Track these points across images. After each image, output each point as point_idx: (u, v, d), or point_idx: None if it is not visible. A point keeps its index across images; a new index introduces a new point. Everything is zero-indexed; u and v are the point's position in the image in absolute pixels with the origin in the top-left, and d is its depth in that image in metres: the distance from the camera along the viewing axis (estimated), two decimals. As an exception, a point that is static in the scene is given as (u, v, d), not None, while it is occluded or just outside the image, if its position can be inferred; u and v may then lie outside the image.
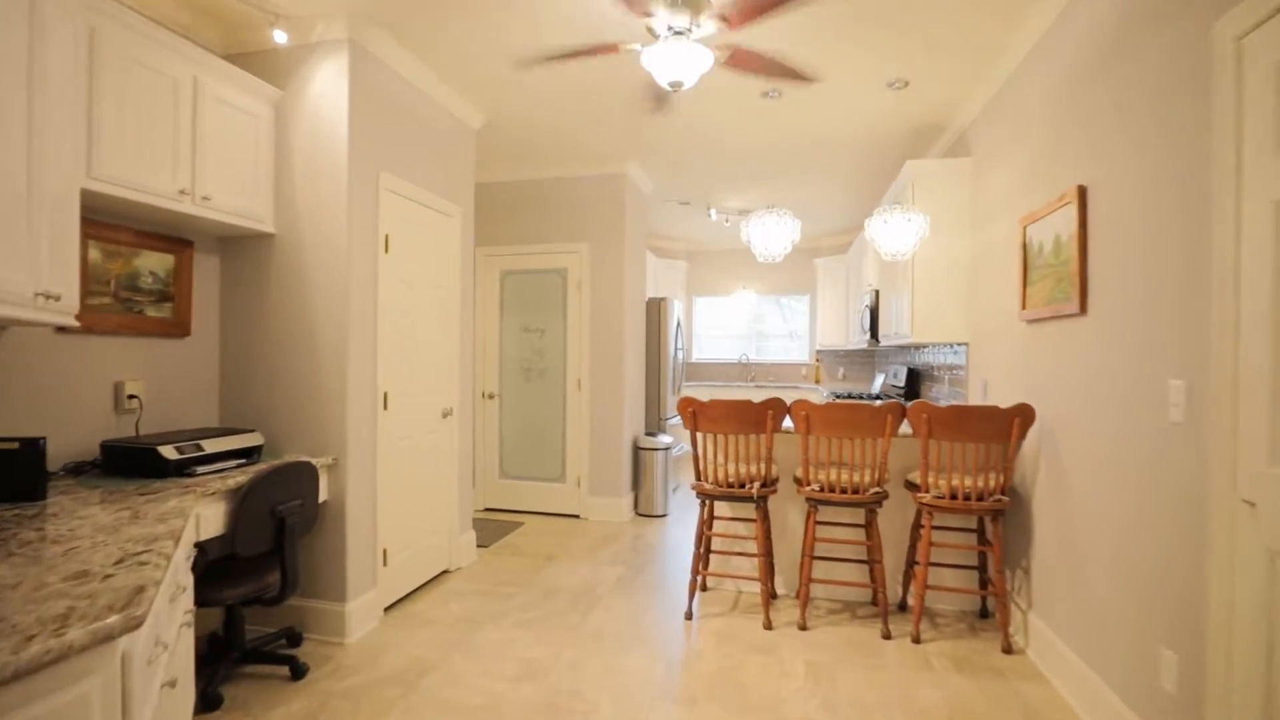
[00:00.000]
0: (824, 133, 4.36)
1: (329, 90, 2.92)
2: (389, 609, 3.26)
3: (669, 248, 8.36)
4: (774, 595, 3.48)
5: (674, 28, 2.31)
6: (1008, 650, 2.85)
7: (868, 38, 3.05)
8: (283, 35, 2.83)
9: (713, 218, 6.77)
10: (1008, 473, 2.87)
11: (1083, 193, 2.42)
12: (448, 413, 3.79)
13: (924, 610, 3.20)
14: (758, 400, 3.08)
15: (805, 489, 3.12)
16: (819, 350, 8.19)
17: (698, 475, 3.28)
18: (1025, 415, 2.79)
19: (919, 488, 3.04)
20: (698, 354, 8.76)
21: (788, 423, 3.45)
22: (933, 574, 3.35)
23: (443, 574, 3.80)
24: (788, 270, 8.36)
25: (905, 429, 3.33)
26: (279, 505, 2.47)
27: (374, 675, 2.63)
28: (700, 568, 3.34)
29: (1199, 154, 1.77)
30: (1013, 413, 2.79)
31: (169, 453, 2.31)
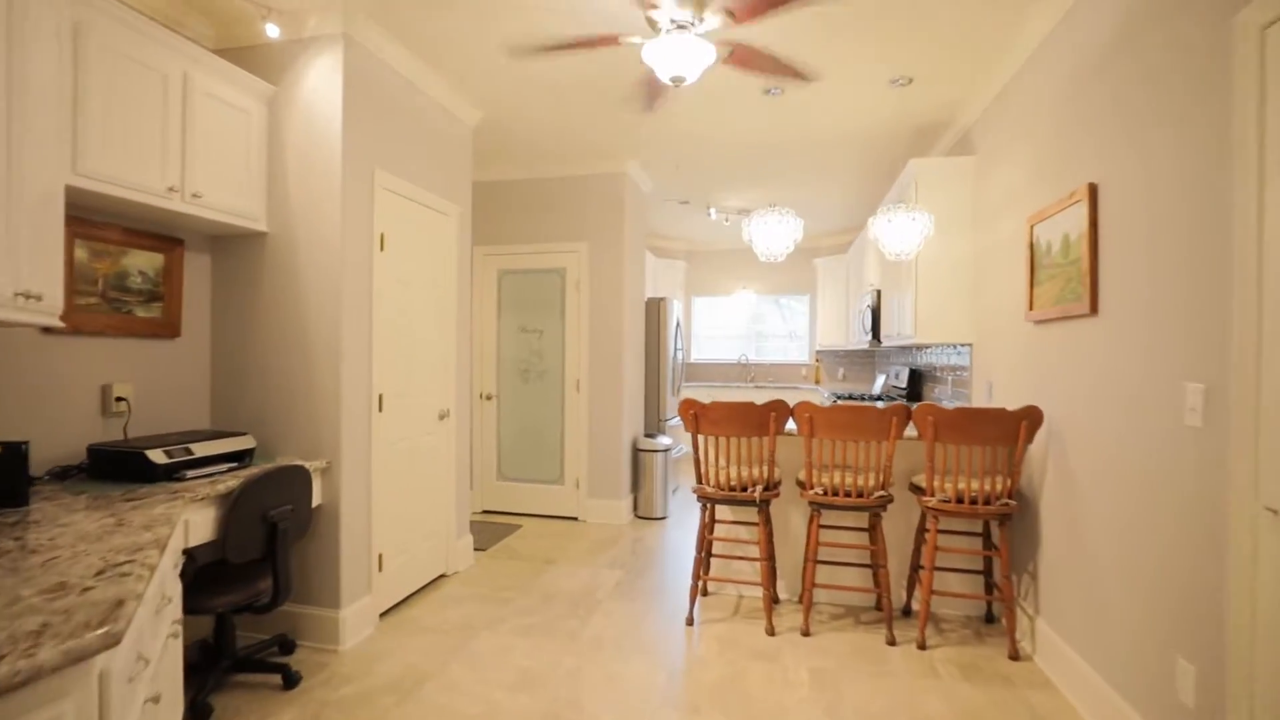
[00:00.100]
0: (826, 131, 4.31)
1: (322, 86, 2.86)
2: (384, 615, 3.20)
3: (668, 247, 8.31)
4: (776, 600, 3.42)
5: (677, 21, 2.26)
6: (1015, 657, 2.80)
7: (872, 34, 2.99)
8: (275, 29, 2.77)
9: (712, 217, 6.72)
10: (1015, 476, 2.82)
11: (1093, 190, 2.36)
12: (444, 414, 3.73)
13: (929, 615, 3.15)
14: (759, 401, 3.03)
15: (808, 492, 3.07)
16: (819, 350, 8.14)
17: (699, 478, 3.22)
18: (1033, 418, 2.74)
19: (924, 491, 2.99)
20: (697, 354, 8.71)
21: (790, 425, 3.40)
22: (938, 578, 3.30)
23: (440, 578, 3.74)
24: (787, 270, 8.31)
25: (910, 431, 3.27)
26: (271, 510, 2.41)
27: (369, 684, 2.57)
28: (701, 572, 3.28)
29: (1218, 148, 1.72)
30: (1020, 415, 2.74)
31: (157, 456, 2.25)
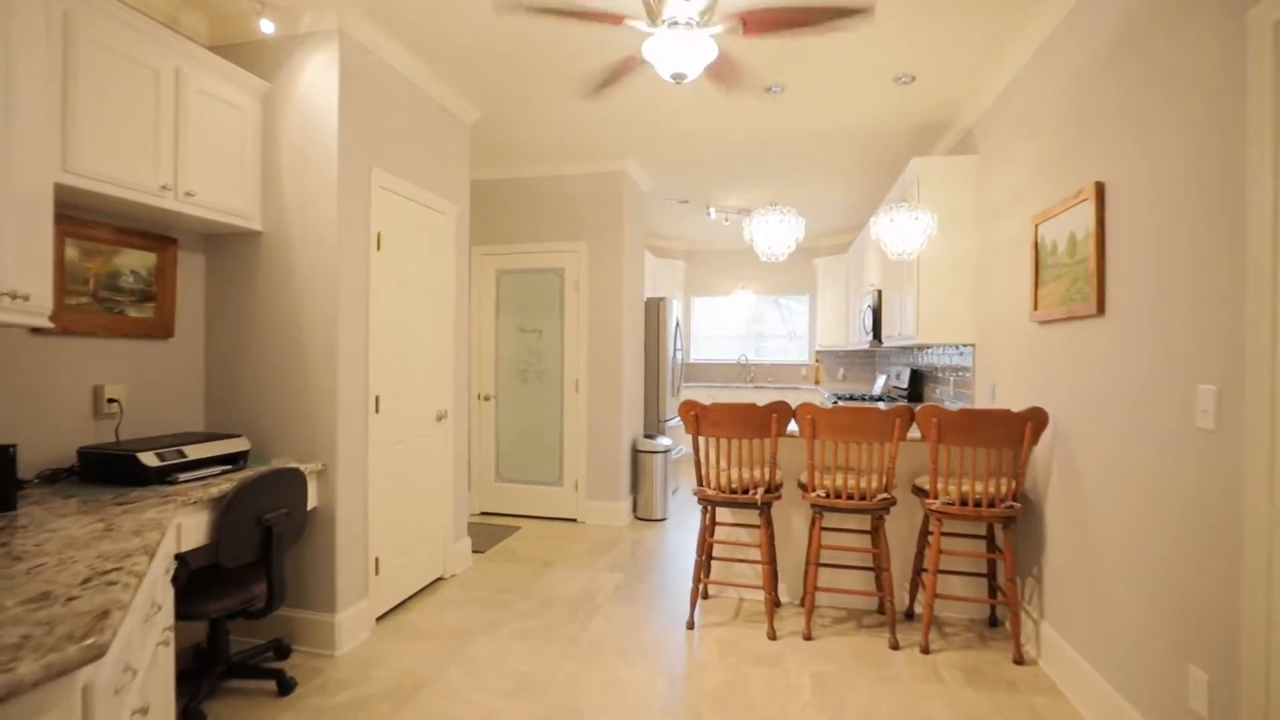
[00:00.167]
0: (827, 129, 4.27)
1: (318, 82, 2.82)
2: (381, 619, 3.16)
3: (667, 247, 8.27)
4: (778, 603, 3.38)
5: (679, 19, 2.22)
6: (1019, 661, 2.77)
7: (876, 31, 2.96)
8: (270, 25, 2.73)
9: (712, 216, 6.68)
10: (1019, 478, 2.79)
11: (1100, 189, 2.33)
12: (442, 415, 3.69)
13: (932, 619, 3.11)
14: (759, 402, 3.00)
15: (810, 495, 3.03)
16: (818, 351, 8.11)
17: (700, 481, 3.18)
18: (1038, 419, 2.71)
19: (927, 493, 2.95)
20: (696, 355, 8.67)
21: (792, 426, 3.36)
22: (941, 581, 3.26)
23: (437, 581, 3.69)
24: (787, 270, 8.28)
25: (913, 433, 3.24)
26: (265, 514, 2.37)
27: (365, 690, 2.53)
28: (702, 575, 3.24)
29: (1229, 146, 1.68)
30: (1025, 416, 2.71)
31: (149, 459, 2.21)
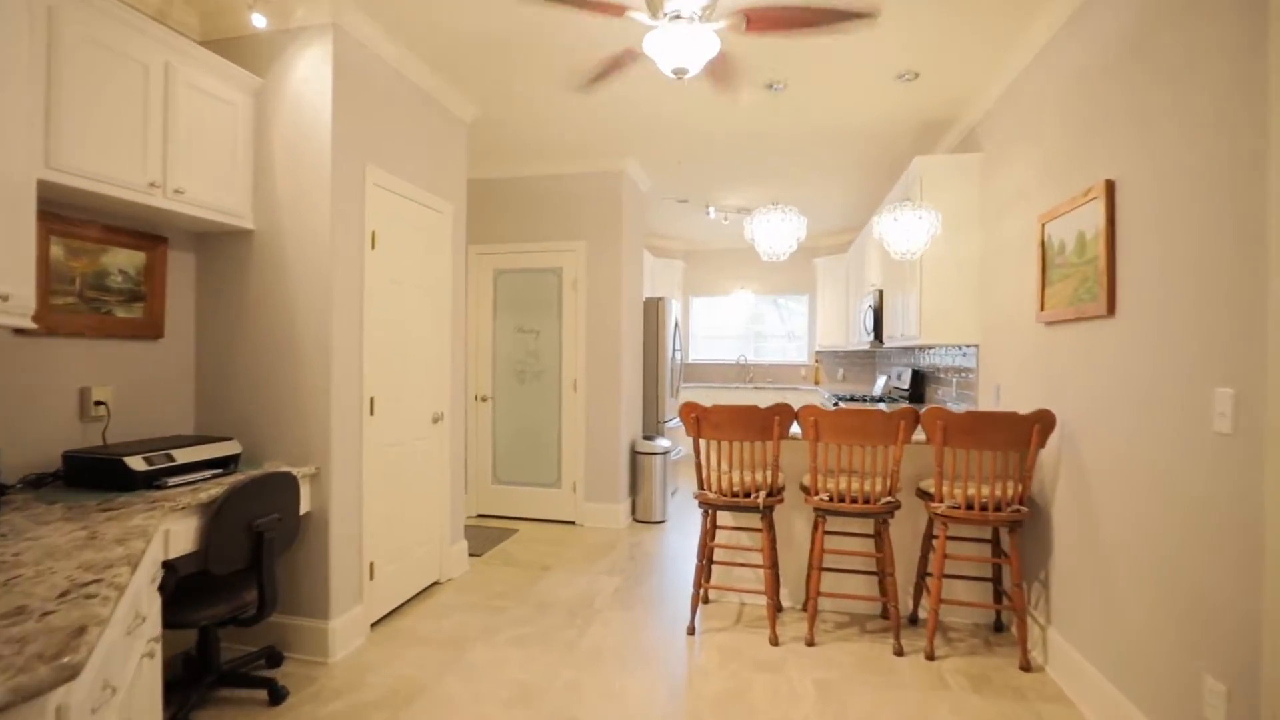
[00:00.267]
0: (829, 126, 4.22)
1: (311, 78, 2.76)
2: (376, 625, 3.10)
3: (666, 247, 8.22)
4: (779, 608, 3.33)
5: (683, 12, 2.17)
6: (1026, 668, 2.72)
7: (880, 27, 2.91)
8: (262, 20, 2.67)
9: (711, 216, 6.63)
10: (1026, 482, 2.74)
11: (1110, 187, 2.28)
12: (438, 417, 3.64)
13: (937, 624, 3.06)
14: (758, 402, 2.95)
15: (813, 498, 2.98)
16: (818, 351, 8.06)
17: (700, 484, 3.13)
18: (1045, 422, 2.66)
19: (932, 497, 2.90)
20: (694, 355, 8.62)
21: (794, 429, 3.31)
22: (945, 586, 3.21)
23: (433, 585, 3.64)
24: (786, 270, 8.23)
25: (917, 435, 3.19)
26: (256, 519, 2.31)
27: (358, 699, 2.47)
28: (703, 580, 3.19)
29: (1249, 142, 1.64)
30: (1032, 419, 2.66)
31: (136, 464, 2.16)
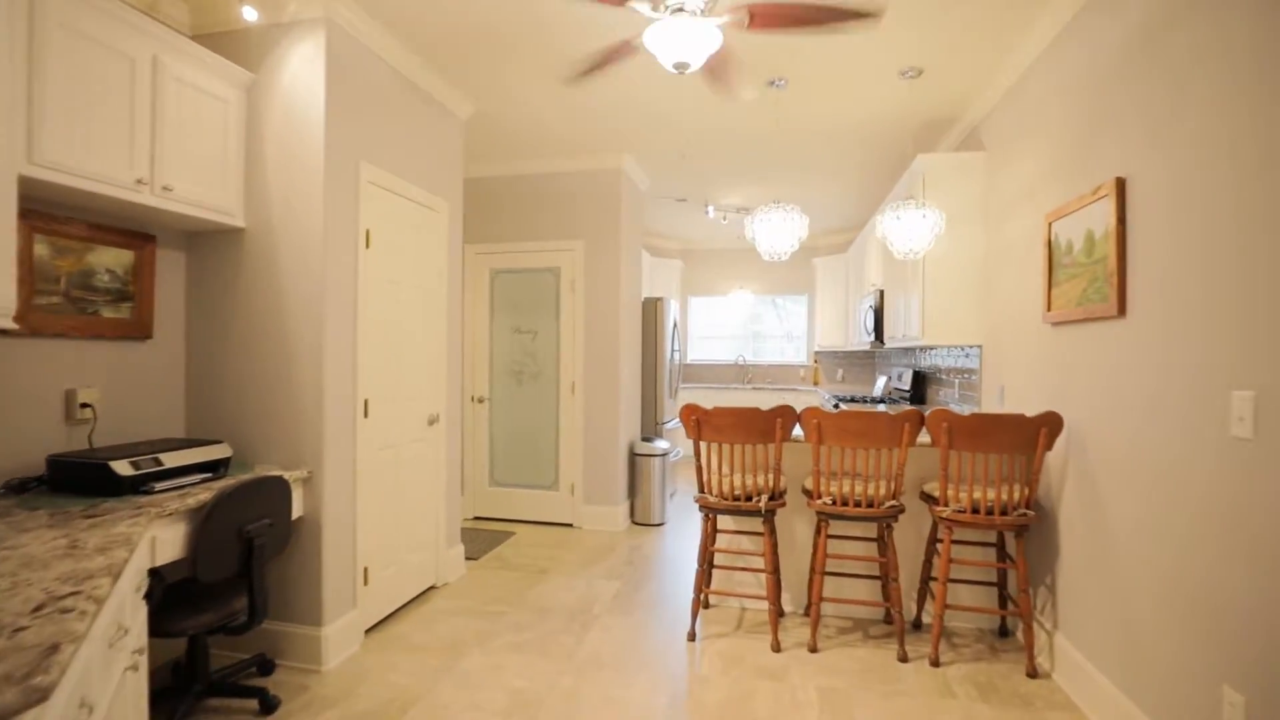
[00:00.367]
0: (830, 124, 4.17)
1: (304, 73, 2.70)
2: (370, 631, 3.04)
3: (664, 246, 8.16)
4: (781, 613, 3.28)
5: (685, 5, 2.11)
6: (1033, 674, 2.67)
7: (884, 23, 2.86)
8: (253, 13, 2.61)
9: (710, 215, 6.58)
10: (1033, 485, 2.69)
11: (1121, 185, 2.23)
12: (434, 419, 3.58)
13: (942, 630, 3.02)
14: (757, 403, 2.90)
15: (816, 502, 2.93)
16: (817, 351, 8.01)
17: (701, 488, 3.08)
18: (1052, 424, 2.61)
19: (937, 500, 2.85)
20: (692, 355, 8.56)
21: (796, 431, 3.26)
22: (950, 591, 3.16)
23: (429, 590, 3.58)
24: (785, 270, 8.18)
25: (922, 438, 3.14)
26: (247, 525, 2.25)
27: (352, 708, 2.41)
28: (703, 585, 3.14)
29: (1267, 137, 1.59)
30: (1039, 421, 2.61)
31: (122, 468, 2.09)
